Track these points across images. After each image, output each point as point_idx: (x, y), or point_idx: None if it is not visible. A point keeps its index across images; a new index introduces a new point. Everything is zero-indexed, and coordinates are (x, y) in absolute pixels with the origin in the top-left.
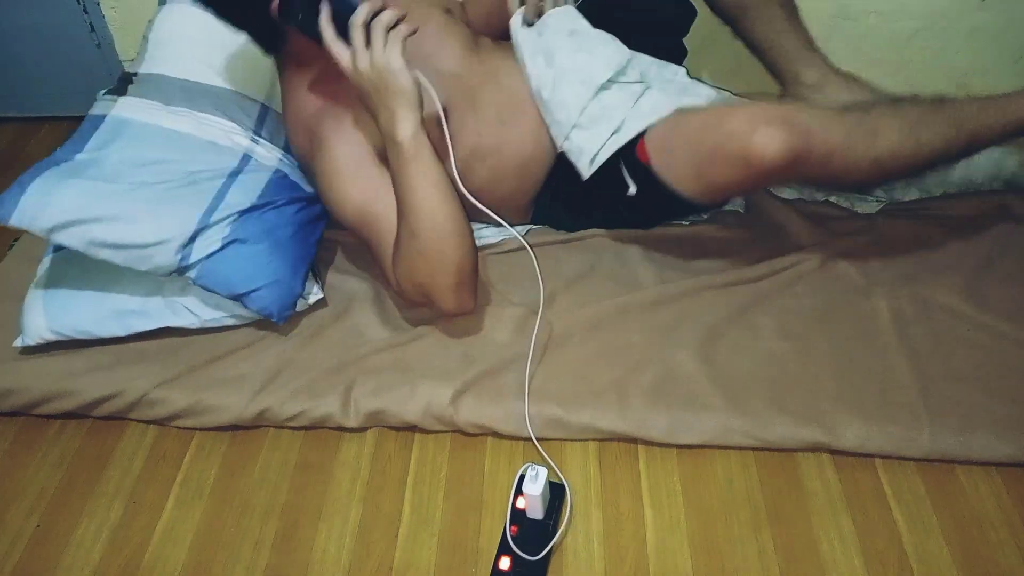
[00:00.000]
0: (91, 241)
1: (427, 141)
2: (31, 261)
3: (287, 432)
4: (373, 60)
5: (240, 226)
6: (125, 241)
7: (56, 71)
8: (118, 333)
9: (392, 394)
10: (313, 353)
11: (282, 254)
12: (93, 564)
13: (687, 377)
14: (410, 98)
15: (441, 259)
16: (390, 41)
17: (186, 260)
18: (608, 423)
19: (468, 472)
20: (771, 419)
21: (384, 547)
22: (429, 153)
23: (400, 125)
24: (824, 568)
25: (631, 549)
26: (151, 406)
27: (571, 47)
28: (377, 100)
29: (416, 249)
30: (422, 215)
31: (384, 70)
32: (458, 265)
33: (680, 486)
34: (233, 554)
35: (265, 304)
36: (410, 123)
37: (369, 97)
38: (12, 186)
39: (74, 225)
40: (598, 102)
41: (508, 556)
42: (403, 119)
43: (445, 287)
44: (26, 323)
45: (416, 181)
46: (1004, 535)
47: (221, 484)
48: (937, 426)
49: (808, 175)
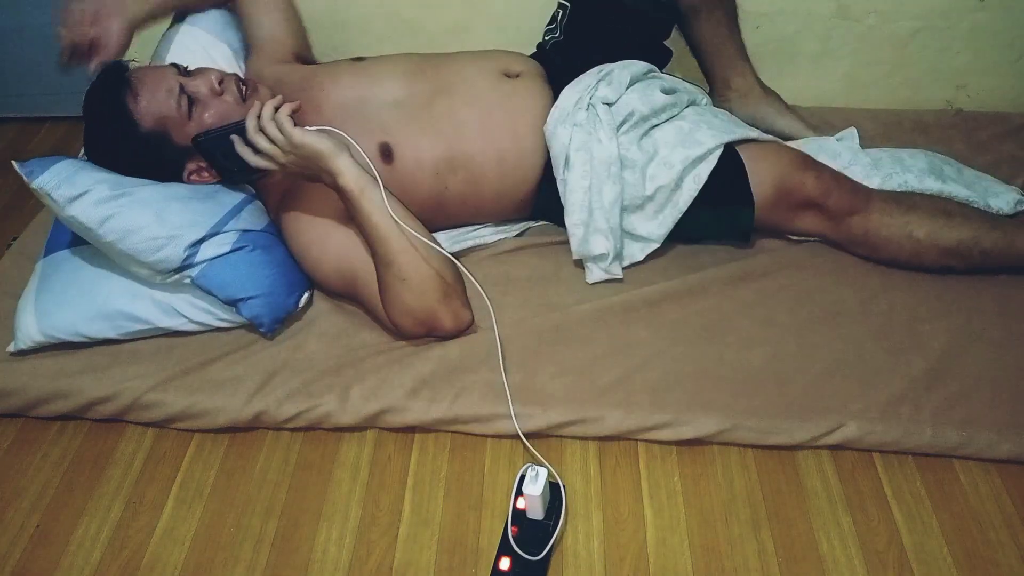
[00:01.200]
0: (106, 218)
1: (368, 176)
2: (29, 260)
3: (286, 432)
4: (283, 148)
5: (250, 237)
6: (140, 225)
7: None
8: (109, 335)
9: (390, 395)
10: (308, 355)
11: (283, 271)
12: (93, 564)
13: (692, 373)
14: (329, 151)
15: (421, 277)
16: (281, 126)
17: (191, 259)
18: (614, 421)
19: (468, 472)
20: (775, 413)
21: (384, 547)
22: (375, 184)
23: (339, 176)
24: (824, 568)
25: (631, 549)
26: (147, 409)
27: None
28: (313, 171)
29: (396, 276)
30: (390, 242)
31: (295, 148)
32: (439, 277)
33: (680, 486)
34: (233, 554)
35: (257, 313)
36: (344, 167)
37: (306, 174)
38: (46, 157)
39: (96, 199)
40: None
41: (508, 556)
42: (338, 169)
43: (436, 302)
44: (17, 328)
45: (374, 215)
46: (1004, 535)
47: (221, 484)
48: (940, 420)
49: (847, 228)
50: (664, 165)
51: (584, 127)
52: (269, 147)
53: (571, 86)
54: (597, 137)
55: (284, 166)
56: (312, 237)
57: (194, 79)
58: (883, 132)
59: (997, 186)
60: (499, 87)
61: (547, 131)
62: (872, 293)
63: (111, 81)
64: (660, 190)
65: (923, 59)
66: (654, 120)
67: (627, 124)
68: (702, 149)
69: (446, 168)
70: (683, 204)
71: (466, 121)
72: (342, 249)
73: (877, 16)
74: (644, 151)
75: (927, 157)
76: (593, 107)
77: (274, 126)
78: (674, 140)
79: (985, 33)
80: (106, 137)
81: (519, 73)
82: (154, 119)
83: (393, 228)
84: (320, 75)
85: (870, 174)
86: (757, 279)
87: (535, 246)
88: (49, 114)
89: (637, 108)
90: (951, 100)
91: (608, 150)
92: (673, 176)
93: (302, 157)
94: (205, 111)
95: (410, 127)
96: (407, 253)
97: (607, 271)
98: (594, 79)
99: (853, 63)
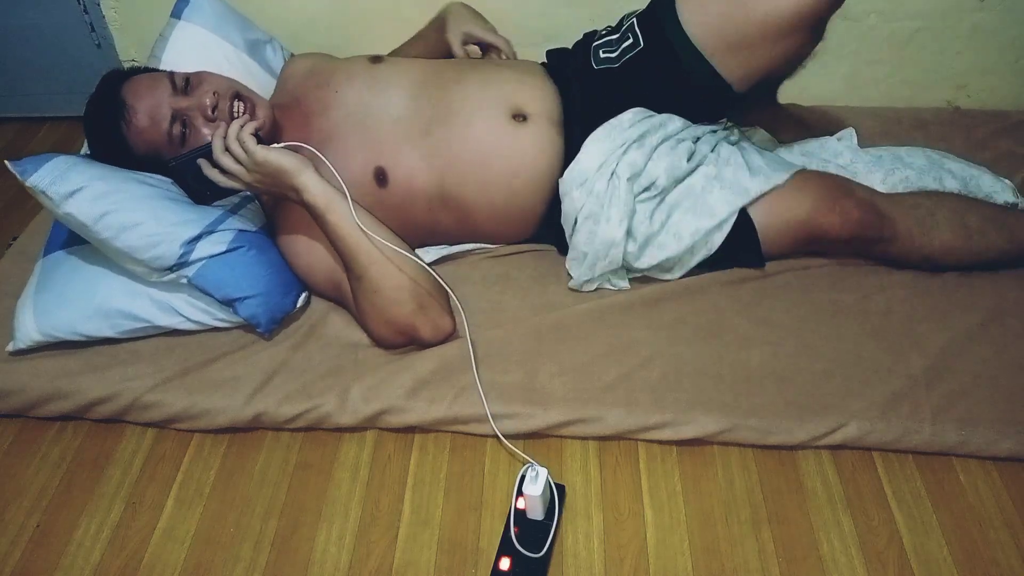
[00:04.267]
0: (102, 214)
1: (334, 190)
2: (29, 260)
3: (286, 432)
4: (247, 167)
5: (247, 237)
6: (135, 221)
7: (56, 71)
8: (108, 334)
9: (390, 395)
10: (307, 355)
11: (279, 271)
12: (93, 564)
13: (692, 373)
14: (293, 168)
15: (393, 287)
16: (244, 145)
17: (186, 256)
18: (614, 420)
19: (468, 472)
20: (775, 413)
21: (384, 547)
22: (342, 198)
23: (304, 192)
24: (824, 568)
25: (631, 549)
26: (147, 409)
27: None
28: (280, 188)
29: (369, 290)
30: (359, 254)
31: (259, 166)
32: (414, 286)
33: (680, 486)
34: (233, 554)
35: (254, 313)
36: (308, 183)
37: (273, 191)
38: (39, 155)
39: (91, 195)
40: None
41: (508, 556)
42: (302, 185)
43: (411, 313)
44: (16, 327)
45: (341, 228)
46: (1004, 535)
47: (221, 484)
48: (940, 419)
49: (867, 252)
50: (674, 236)
51: (598, 198)
52: (234, 167)
53: (600, 140)
54: (607, 215)
55: (250, 185)
56: (302, 245)
57: (189, 99)
58: (882, 130)
59: (996, 183)
60: (502, 133)
61: (562, 188)
62: (870, 292)
63: (106, 101)
64: (668, 259)
65: (923, 59)
66: (672, 187)
67: (646, 194)
68: (714, 220)
69: (439, 204)
70: (692, 264)
71: (462, 160)
72: (330, 257)
73: (877, 16)
74: (656, 221)
75: (925, 154)
76: (616, 177)
77: (237, 145)
78: (685, 203)
79: (985, 33)
80: (106, 154)
81: (528, 115)
82: (147, 146)
83: (362, 241)
84: (339, 73)
85: (872, 171)
86: (756, 279)
87: (535, 247)
88: (49, 114)
89: (660, 181)
90: (951, 100)
91: (614, 233)
92: (682, 248)
93: (266, 175)
94: (198, 137)
95: (405, 152)
96: (378, 265)
97: (613, 284)
98: (626, 137)
99: (853, 63)
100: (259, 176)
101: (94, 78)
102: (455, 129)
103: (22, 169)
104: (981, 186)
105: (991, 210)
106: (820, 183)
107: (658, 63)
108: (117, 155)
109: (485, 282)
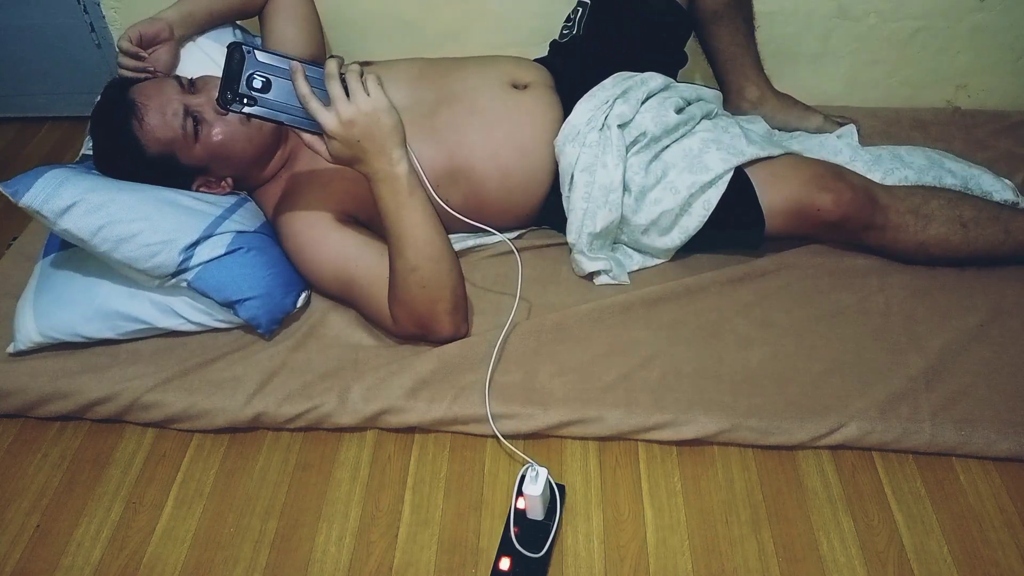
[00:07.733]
0: (99, 228)
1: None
2: (29, 260)
3: (286, 433)
4: (360, 106)
5: (245, 238)
6: (133, 232)
7: (56, 71)
8: (108, 335)
9: (390, 395)
10: (307, 355)
11: (279, 271)
12: (93, 564)
13: (692, 373)
14: (401, 134)
15: (440, 287)
16: (370, 84)
17: (187, 263)
18: (614, 420)
19: (468, 472)
20: (775, 413)
21: (384, 547)
22: (420, 185)
23: (399, 163)
24: (824, 568)
25: (631, 549)
26: (147, 409)
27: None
28: (367, 146)
29: (417, 283)
30: (423, 246)
31: (374, 111)
32: (454, 289)
33: (680, 486)
34: (233, 554)
35: (255, 314)
36: (405, 158)
37: (354, 148)
38: (28, 172)
39: (86, 209)
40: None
41: (508, 556)
42: (400, 156)
43: (443, 313)
44: (17, 329)
45: (417, 214)
46: (1004, 535)
47: (221, 484)
48: (939, 419)
49: (861, 239)
50: (670, 190)
51: (592, 148)
52: (341, 95)
53: (586, 100)
54: (603, 161)
55: (336, 124)
56: (309, 238)
57: (198, 96)
58: (882, 129)
59: (996, 182)
60: (505, 99)
61: (556, 147)
62: (870, 292)
63: (115, 103)
64: (664, 214)
65: (923, 59)
66: (665, 141)
67: (638, 145)
68: (710, 175)
69: (447, 180)
70: (692, 229)
71: (469, 133)
72: (340, 251)
73: (877, 16)
74: (652, 174)
75: (925, 153)
76: (607, 128)
77: (359, 80)
78: (682, 163)
79: (985, 33)
80: (114, 158)
81: (527, 84)
82: (161, 144)
83: (428, 234)
84: None
85: (871, 170)
86: (756, 279)
87: (535, 246)
88: (49, 114)
89: (649, 129)
90: (951, 100)
91: (611, 176)
92: (678, 201)
93: (373, 125)
94: (212, 131)
95: (411, 135)
96: (434, 260)
97: (614, 279)
98: (609, 94)
99: (853, 63)
100: (361, 121)
101: (94, 78)
102: (460, 105)
103: (14, 190)
104: (981, 186)
105: (986, 204)
106: (816, 163)
107: (613, 12)
108: (127, 158)
109: (485, 282)
